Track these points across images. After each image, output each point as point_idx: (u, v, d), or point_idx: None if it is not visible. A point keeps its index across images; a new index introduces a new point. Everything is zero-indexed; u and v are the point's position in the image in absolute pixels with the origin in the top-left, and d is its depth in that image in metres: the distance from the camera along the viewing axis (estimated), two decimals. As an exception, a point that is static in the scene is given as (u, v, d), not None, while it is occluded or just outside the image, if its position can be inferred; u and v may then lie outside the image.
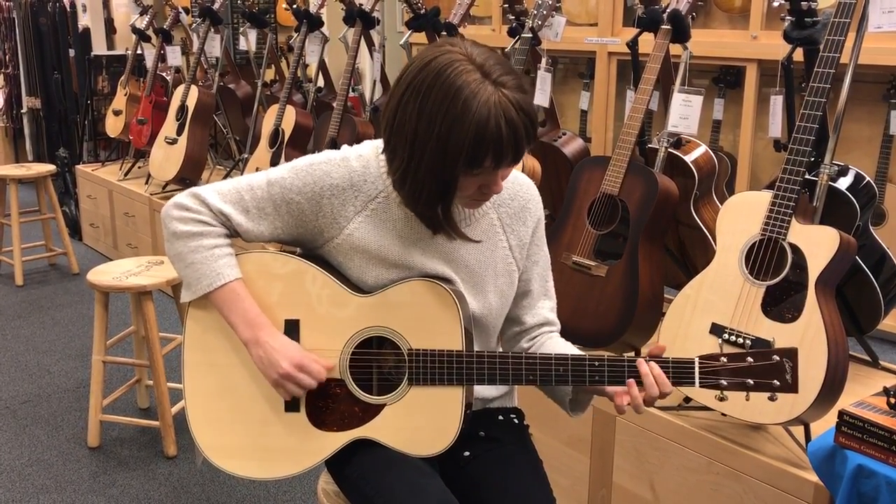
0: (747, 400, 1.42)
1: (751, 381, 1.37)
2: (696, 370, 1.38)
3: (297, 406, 1.50)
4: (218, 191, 1.49)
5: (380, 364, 1.50)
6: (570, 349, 1.54)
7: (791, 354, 1.35)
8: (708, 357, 1.38)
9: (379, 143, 1.49)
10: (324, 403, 1.49)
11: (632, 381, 1.39)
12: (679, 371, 1.39)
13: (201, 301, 1.50)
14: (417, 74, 1.31)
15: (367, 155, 1.49)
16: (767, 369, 1.36)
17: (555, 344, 1.58)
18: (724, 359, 1.37)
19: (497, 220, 1.54)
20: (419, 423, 1.46)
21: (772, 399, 1.37)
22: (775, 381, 1.36)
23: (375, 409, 1.47)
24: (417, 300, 1.45)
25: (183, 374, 1.54)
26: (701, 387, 1.39)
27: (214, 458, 1.53)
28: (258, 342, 1.45)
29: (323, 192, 1.46)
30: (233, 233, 1.51)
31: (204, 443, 1.53)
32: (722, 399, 1.40)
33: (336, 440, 1.48)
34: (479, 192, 1.39)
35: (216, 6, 4.59)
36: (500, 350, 1.61)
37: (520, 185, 1.57)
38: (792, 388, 1.36)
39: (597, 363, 1.41)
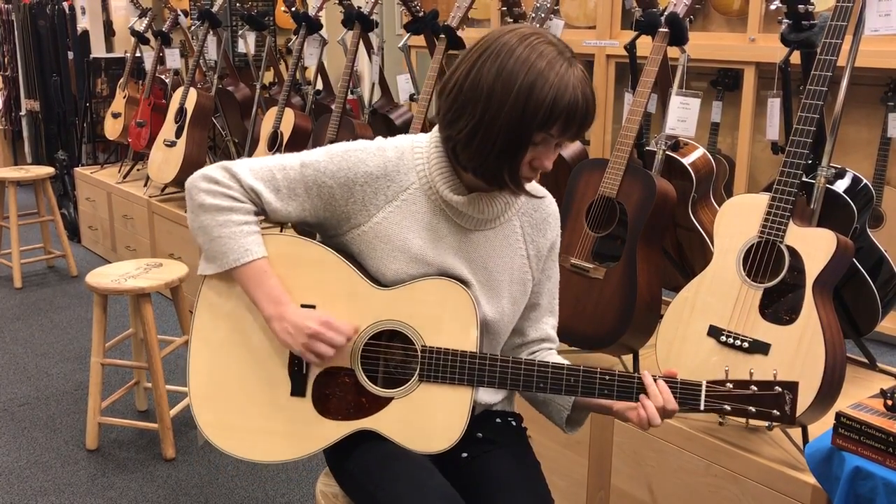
0: (746, 427, 1.45)
1: (752, 409, 1.41)
2: (703, 394, 1.42)
3: (303, 391, 1.50)
4: (250, 167, 1.49)
5: (391, 358, 1.50)
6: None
7: (792, 387, 1.39)
8: (715, 382, 1.42)
9: (415, 137, 1.51)
10: (331, 391, 1.49)
11: (643, 396, 1.43)
12: (686, 393, 1.43)
13: (216, 279, 1.50)
14: (496, 40, 1.36)
15: (403, 146, 1.50)
16: (769, 399, 1.40)
17: (552, 360, 1.60)
18: (729, 385, 1.41)
19: (519, 227, 1.56)
20: (425, 419, 1.46)
21: (769, 428, 1.41)
22: (775, 410, 1.40)
23: (383, 402, 1.48)
24: (437, 299, 1.46)
25: (189, 349, 1.53)
26: (705, 410, 1.42)
27: (213, 437, 1.52)
28: (282, 317, 1.45)
29: (357, 179, 1.46)
30: (260, 210, 1.50)
31: (204, 420, 1.52)
32: (722, 424, 1.44)
33: (339, 429, 1.48)
34: (529, 169, 1.40)
35: (215, 9, 4.59)
36: None
37: (542, 199, 1.60)
38: (790, 419, 1.40)
39: (607, 377, 1.43)
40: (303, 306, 1.49)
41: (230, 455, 1.52)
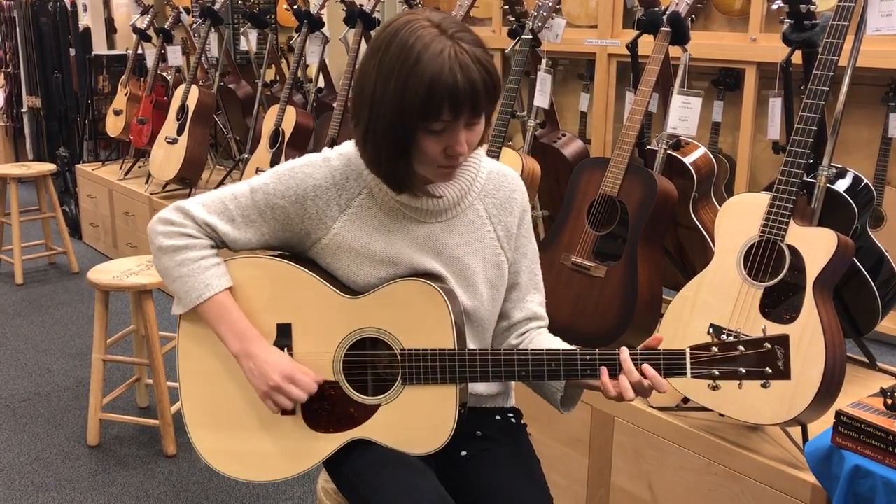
0: (739, 388, 1.41)
1: (742, 370, 1.37)
2: (688, 361, 1.38)
3: (292, 409, 1.50)
4: (202, 203, 1.50)
5: (373, 365, 1.51)
6: (559, 345, 1.54)
7: (782, 341, 1.35)
8: (699, 347, 1.38)
9: None
10: (319, 406, 1.50)
11: (604, 369, 1.40)
12: (670, 362, 1.39)
13: (190, 311, 1.50)
14: (378, 36, 1.35)
15: (349, 153, 1.49)
16: (759, 357, 1.36)
17: (543, 340, 1.58)
18: (715, 349, 1.37)
19: (483, 210, 1.54)
20: (414, 422, 1.46)
21: (764, 386, 1.37)
22: (767, 368, 1.36)
23: (370, 410, 1.48)
24: (408, 300, 1.46)
25: (179, 381, 1.55)
26: (693, 377, 1.38)
27: (213, 462, 1.54)
28: (249, 354, 1.46)
29: (307, 194, 1.47)
30: (219, 244, 1.51)
31: (202, 447, 1.54)
32: (715, 388, 1.40)
33: (332, 442, 1.49)
34: (445, 157, 1.37)
35: (217, 6, 4.60)
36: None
37: (504, 177, 1.57)
38: (784, 374, 1.36)
39: (588, 357, 1.41)
40: (279, 325, 1.50)
41: (233, 479, 1.53)
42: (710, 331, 1.99)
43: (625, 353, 1.40)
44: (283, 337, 1.50)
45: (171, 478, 2.76)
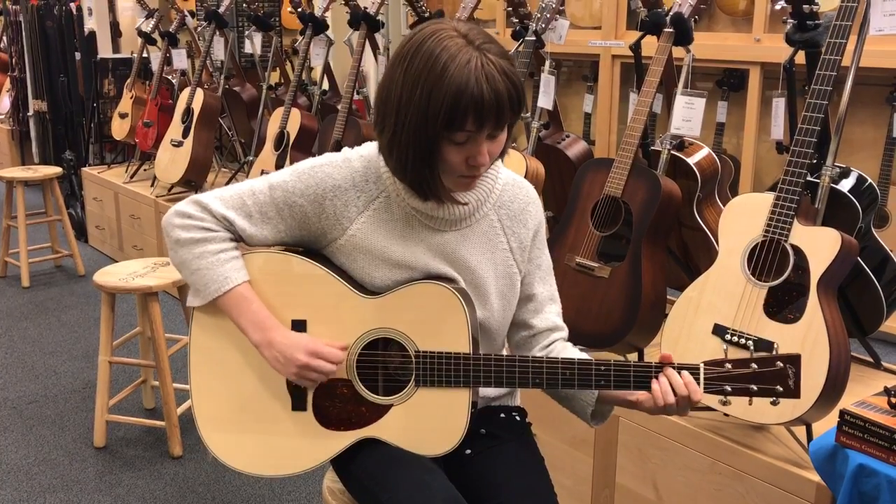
0: (750, 405, 1.43)
1: (754, 387, 1.38)
2: (702, 376, 1.40)
3: (303, 405, 1.51)
4: (220, 197, 1.51)
5: (386, 365, 1.51)
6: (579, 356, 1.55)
7: (794, 360, 1.37)
8: (713, 363, 1.40)
9: None
10: (330, 403, 1.51)
11: (654, 381, 1.41)
12: None
13: (205, 304, 1.51)
14: (405, 44, 1.35)
15: (369, 155, 1.50)
16: (771, 375, 1.37)
17: (567, 354, 1.58)
18: (728, 365, 1.39)
19: (497, 221, 1.55)
20: (426, 423, 1.47)
21: (774, 404, 1.39)
22: (778, 386, 1.37)
23: (382, 410, 1.49)
24: (425, 303, 1.46)
25: (189, 373, 1.56)
26: (706, 392, 1.40)
27: (222, 456, 1.54)
28: (270, 343, 1.46)
29: (325, 194, 1.47)
30: (237, 238, 1.52)
31: (211, 441, 1.55)
32: (725, 404, 1.42)
33: (343, 439, 1.50)
34: (467, 167, 1.38)
35: (221, 9, 4.61)
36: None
37: (520, 188, 1.58)
38: (794, 393, 1.37)
39: (602, 367, 1.42)
40: (293, 321, 1.50)
41: (240, 472, 1.54)
42: (719, 333, 1.99)
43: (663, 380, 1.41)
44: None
45: (178, 479, 2.77)
